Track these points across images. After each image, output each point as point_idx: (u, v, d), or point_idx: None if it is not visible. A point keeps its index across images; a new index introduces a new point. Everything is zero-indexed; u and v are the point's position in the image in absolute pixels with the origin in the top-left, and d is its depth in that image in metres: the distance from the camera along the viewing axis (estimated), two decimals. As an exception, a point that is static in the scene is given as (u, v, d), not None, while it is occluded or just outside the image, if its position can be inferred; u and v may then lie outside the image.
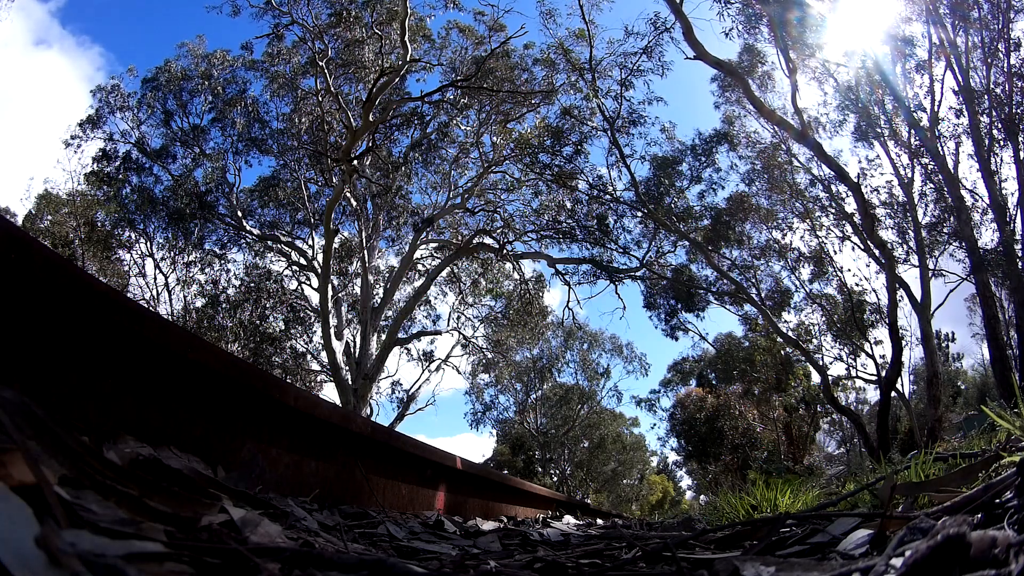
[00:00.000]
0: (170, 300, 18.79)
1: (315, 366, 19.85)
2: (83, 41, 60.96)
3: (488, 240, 17.33)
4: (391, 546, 1.71)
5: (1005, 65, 14.22)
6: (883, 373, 16.53)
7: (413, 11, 15.12)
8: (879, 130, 16.83)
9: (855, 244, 18.17)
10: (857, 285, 18.99)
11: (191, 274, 18.62)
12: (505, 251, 17.14)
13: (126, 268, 19.45)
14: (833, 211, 18.51)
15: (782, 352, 21.91)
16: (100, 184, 18.09)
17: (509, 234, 17.62)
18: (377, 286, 18.22)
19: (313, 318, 18.71)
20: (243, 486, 1.47)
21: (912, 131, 15.90)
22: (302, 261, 18.52)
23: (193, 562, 0.71)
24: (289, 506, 1.63)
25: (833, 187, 17.85)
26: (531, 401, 30.84)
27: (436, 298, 20.67)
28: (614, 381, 30.27)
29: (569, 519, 5.16)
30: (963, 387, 31.77)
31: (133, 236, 18.87)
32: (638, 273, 18.38)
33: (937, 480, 1.79)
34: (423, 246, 18.66)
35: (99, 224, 18.91)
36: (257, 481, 1.74)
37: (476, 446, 78.53)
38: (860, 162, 18.46)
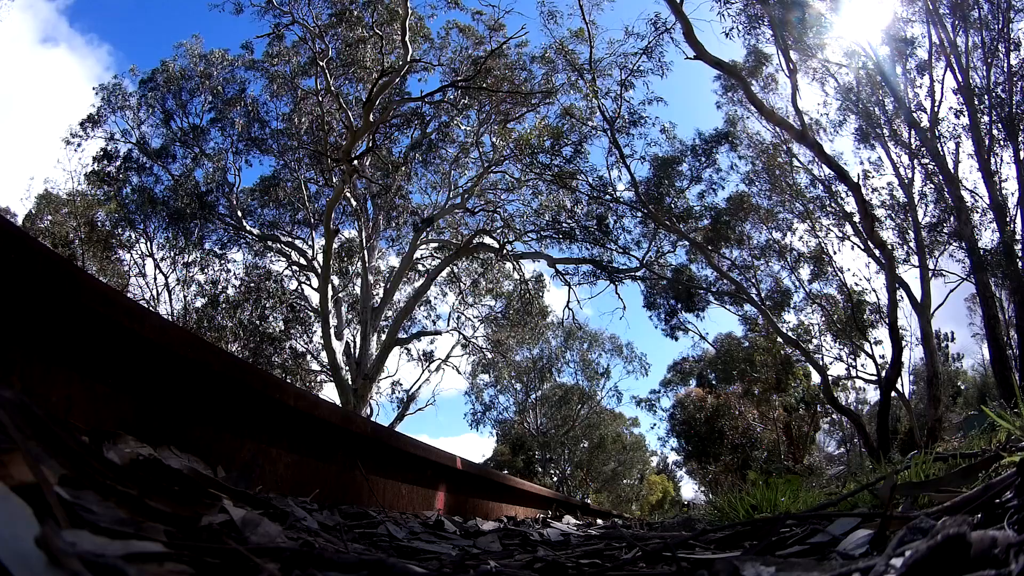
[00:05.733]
0: (170, 300, 18.80)
1: (315, 366, 19.87)
2: (91, 39, 60.61)
3: (488, 240, 17.34)
4: (391, 546, 1.70)
5: (1005, 65, 14.21)
6: (883, 373, 16.51)
7: (413, 11, 15.13)
8: (879, 131, 16.81)
9: (855, 244, 18.15)
10: (857, 285, 18.97)
11: (191, 274, 18.63)
12: (505, 251, 17.14)
13: (126, 268, 19.45)
14: (833, 211, 18.48)
15: (782, 352, 21.88)
16: (100, 184, 18.10)
17: (509, 234, 17.63)
18: (377, 286, 18.22)
19: (313, 318, 18.72)
20: (243, 486, 1.47)
21: (912, 131, 15.88)
22: (302, 261, 18.53)
23: (193, 562, 0.71)
24: (289, 506, 1.62)
25: (833, 187, 17.83)
26: (531, 401, 30.84)
27: (436, 298, 20.69)
28: (614, 381, 30.26)
29: (569, 519, 5.16)
30: (963, 387, 31.70)
31: (133, 236, 18.89)
32: (638, 273, 18.38)
33: (937, 480, 1.79)
34: (423, 246, 18.67)
35: (99, 224, 18.90)
36: (257, 481, 1.74)
37: (477, 446, 78.56)
38: (862, 163, 18.44)
